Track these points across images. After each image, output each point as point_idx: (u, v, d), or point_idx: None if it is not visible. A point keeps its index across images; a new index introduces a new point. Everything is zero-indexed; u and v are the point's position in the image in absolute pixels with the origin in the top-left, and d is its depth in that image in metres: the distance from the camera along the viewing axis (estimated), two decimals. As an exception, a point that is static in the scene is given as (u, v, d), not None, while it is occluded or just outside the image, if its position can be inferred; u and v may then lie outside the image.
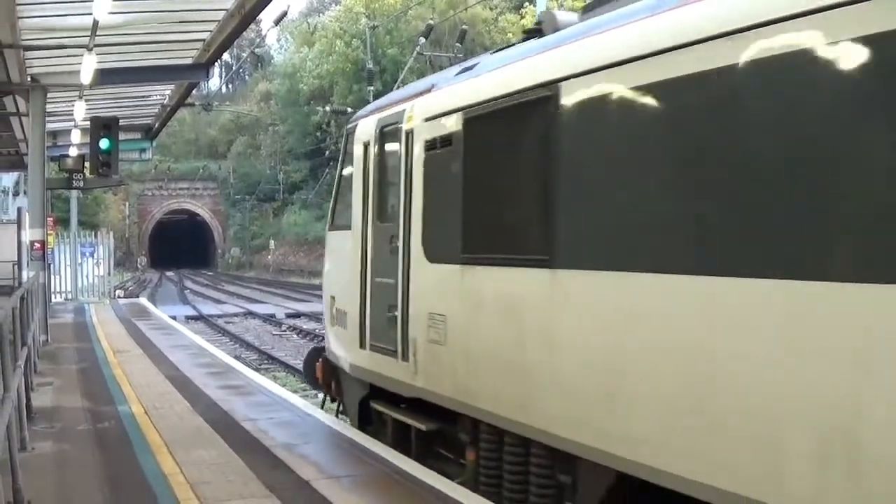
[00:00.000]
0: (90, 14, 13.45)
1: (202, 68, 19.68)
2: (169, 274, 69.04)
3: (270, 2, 14.75)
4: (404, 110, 8.45)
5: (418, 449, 8.31)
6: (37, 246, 18.43)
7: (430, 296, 7.73)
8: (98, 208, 72.20)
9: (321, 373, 10.82)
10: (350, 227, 9.54)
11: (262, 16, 22.06)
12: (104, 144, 18.79)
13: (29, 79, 18.48)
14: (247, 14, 15.27)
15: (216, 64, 22.37)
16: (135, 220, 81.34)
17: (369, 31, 45.46)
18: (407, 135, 8.27)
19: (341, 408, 10.75)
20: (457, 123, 7.39)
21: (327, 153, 61.10)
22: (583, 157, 5.89)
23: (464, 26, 28.43)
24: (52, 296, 27.76)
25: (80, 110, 21.05)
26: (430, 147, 7.80)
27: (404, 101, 8.68)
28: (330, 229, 10.87)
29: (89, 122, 19.65)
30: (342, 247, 9.92)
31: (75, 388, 12.01)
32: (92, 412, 10.22)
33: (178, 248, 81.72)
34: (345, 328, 9.65)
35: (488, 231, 6.99)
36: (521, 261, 6.42)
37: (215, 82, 66.03)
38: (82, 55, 15.70)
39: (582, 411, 5.75)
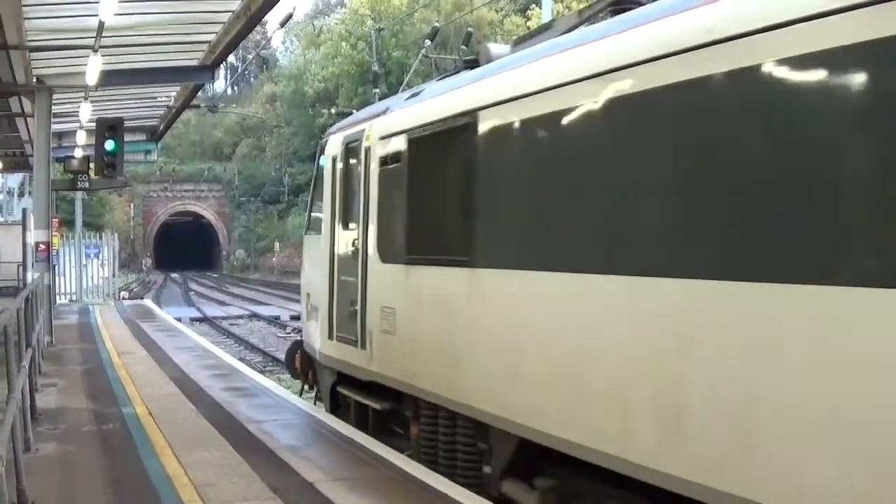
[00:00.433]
0: (96, 15, 13.48)
1: (207, 70, 19.68)
2: (174, 276, 69.10)
3: (276, 4, 14.76)
4: (364, 129, 9.62)
5: (374, 426, 9.42)
6: (42, 247, 18.44)
7: (383, 292, 8.85)
8: (103, 210, 72.29)
9: (300, 363, 12.05)
10: (321, 232, 10.82)
11: (267, 18, 22.19)
12: (109, 146, 18.78)
13: (34, 80, 18.50)
14: (252, 16, 15.27)
15: (221, 66, 22.38)
16: (139, 222, 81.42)
17: (375, 34, 45.50)
18: (366, 151, 9.42)
19: (317, 394, 11.71)
20: (403, 143, 8.53)
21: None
22: (492, 176, 7.08)
23: (469, 28, 28.35)
24: (57, 297, 27.81)
25: (86, 111, 21.07)
26: (384, 163, 8.95)
27: (365, 120, 9.86)
28: (306, 233, 12.22)
29: (94, 124, 19.65)
30: (315, 249, 11.14)
31: (80, 389, 12.01)
32: (96, 413, 10.22)
33: (182, 249, 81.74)
34: (317, 322, 10.83)
35: (426, 236, 8.13)
36: (449, 261, 7.53)
37: (220, 84, 65.96)
38: (88, 56, 15.72)
39: (492, 387, 6.87)
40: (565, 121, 6.11)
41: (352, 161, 9.98)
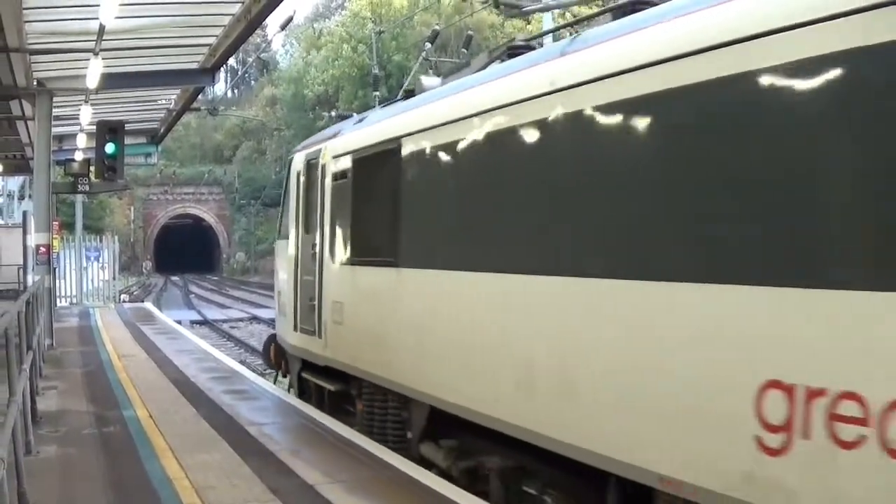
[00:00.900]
0: (97, 19, 13.49)
1: (208, 73, 19.68)
2: (174, 278, 69.01)
3: (276, 7, 14.76)
4: (321, 149, 11.11)
5: (330, 405, 10.91)
6: (42, 250, 18.45)
7: (334, 289, 10.33)
8: (103, 213, 72.17)
9: (273, 354, 13.57)
10: (288, 238, 12.39)
11: (268, 21, 22.16)
12: (110, 149, 18.79)
13: (35, 83, 18.51)
14: (253, 19, 15.28)
15: (222, 69, 22.36)
16: (140, 225, 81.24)
17: (375, 37, 45.46)
18: (322, 168, 10.90)
19: (290, 381, 12.96)
20: (349, 162, 10.02)
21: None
22: (410, 193, 8.48)
23: (470, 32, 28.32)
24: (58, 300, 27.83)
25: (86, 114, 21.08)
26: (335, 178, 10.44)
27: (322, 141, 11.39)
28: (278, 239, 13.85)
29: (95, 127, 19.66)
30: (284, 253, 12.80)
31: (80, 392, 12.03)
32: (97, 416, 10.24)
33: (183, 252, 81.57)
34: (286, 316, 12.38)
35: (365, 241, 9.60)
36: (381, 262, 8.93)
37: (221, 87, 65.95)
38: (88, 59, 15.73)
39: (410, 365, 8.31)
40: (457, 149, 7.57)
41: (311, 176, 11.40)
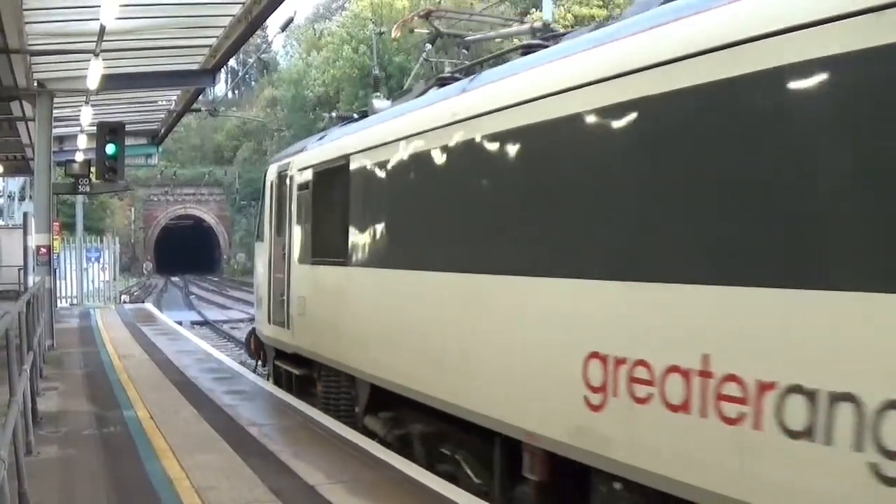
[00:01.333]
0: (97, 20, 13.48)
1: (208, 74, 19.69)
2: (174, 279, 69.04)
3: (277, 8, 14.75)
4: (290, 162, 12.53)
5: (297, 388, 12.21)
6: (42, 251, 18.44)
7: (299, 285, 11.77)
8: (104, 213, 72.12)
9: (254, 346, 15.20)
10: (264, 240, 13.89)
11: (268, 22, 22.14)
12: (110, 150, 18.79)
13: (35, 84, 18.51)
14: (253, 20, 15.28)
15: (222, 70, 22.37)
16: (140, 226, 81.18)
17: (376, 37, 45.41)
18: (290, 179, 12.30)
19: (268, 370, 14.30)
20: (310, 175, 11.39)
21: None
22: (356, 201, 9.75)
23: (470, 32, 28.35)
24: (58, 301, 27.83)
25: (87, 115, 21.08)
26: (300, 188, 11.84)
27: (291, 155, 12.87)
28: (256, 241, 15.33)
29: (95, 128, 19.66)
30: (260, 253, 14.42)
31: (81, 392, 12.03)
32: (97, 417, 10.24)
33: (183, 253, 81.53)
34: (262, 310, 14.00)
35: (322, 243, 10.93)
36: (334, 262, 10.26)
37: (221, 88, 65.90)
38: (89, 60, 15.73)
39: (356, 349, 9.68)
40: (387, 167, 8.91)
41: (282, 186, 12.80)
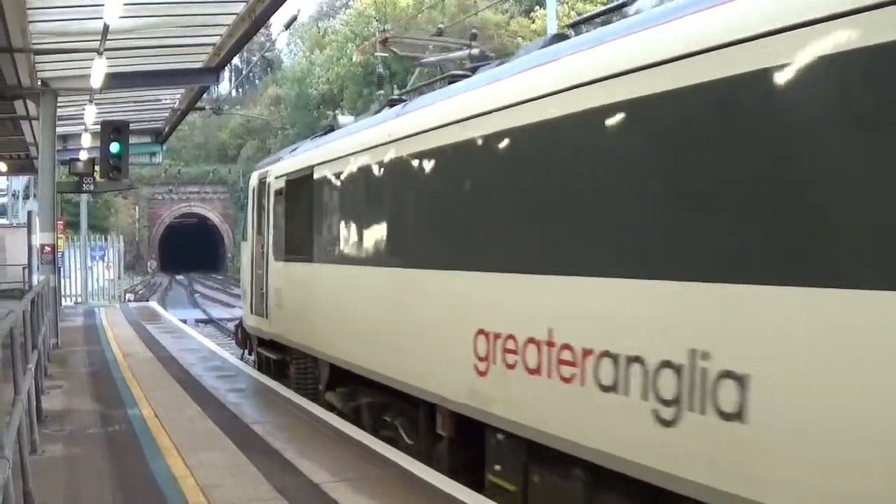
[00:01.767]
0: (101, 18, 13.48)
1: (212, 72, 19.72)
2: (179, 277, 69.08)
3: (280, 6, 14.76)
4: (268, 170, 14.16)
5: (274, 372, 13.70)
6: (47, 249, 18.47)
7: (276, 279, 13.32)
8: (108, 212, 72.15)
9: (241, 336, 16.68)
10: (247, 240, 15.70)
11: (272, 20, 22.13)
12: (114, 148, 18.80)
13: (39, 83, 18.54)
14: (257, 18, 15.29)
15: (226, 68, 22.39)
16: (145, 224, 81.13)
17: (380, 35, 45.33)
18: (268, 186, 13.91)
19: (254, 357, 15.76)
20: (284, 182, 12.94)
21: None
22: (318, 206, 11.23)
23: (474, 30, 28.30)
24: (63, 299, 27.84)
25: (91, 114, 21.11)
26: (276, 194, 13.40)
27: (271, 164, 14.48)
28: (242, 241, 17.37)
29: (100, 126, 19.68)
30: (245, 251, 16.15)
31: (85, 391, 12.05)
32: (102, 415, 10.25)
33: (187, 251, 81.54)
34: (247, 303, 15.67)
35: (293, 243, 12.44)
36: (302, 258, 11.78)
37: (225, 86, 65.74)
38: (93, 59, 15.74)
39: (319, 334, 11.23)
40: (341, 177, 10.48)
41: (262, 192, 14.39)
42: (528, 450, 6.46)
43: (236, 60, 56.24)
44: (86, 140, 25.32)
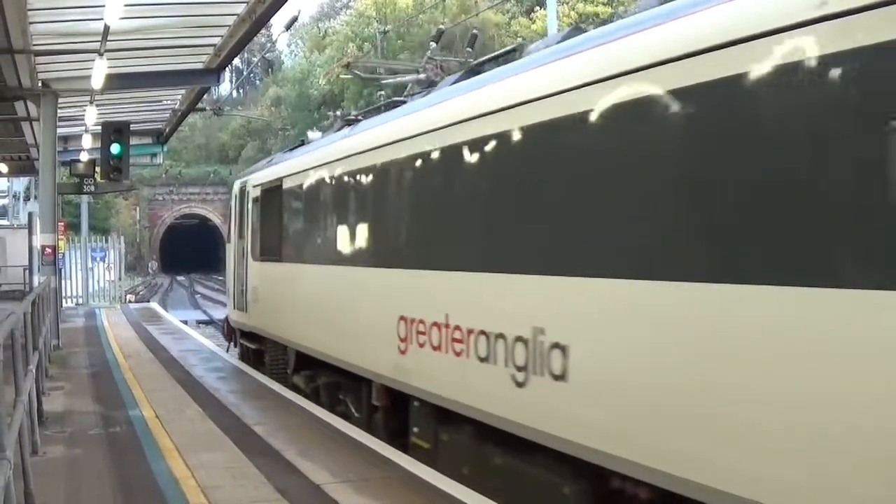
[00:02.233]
0: (101, 19, 13.49)
1: (213, 73, 19.72)
2: (180, 278, 69.09)
3: (281, 7, 14.76)
4: (247, 180, 15.78)
5: (253, 360, 15.21)
6: (48, 251, 18.48)
7: (253, 277, 14.89)
8: (109, 213, 72.25)
9: (227, 330, 18.21)
10: (231, 242, 17.21)
11: (272, 21, 22.12)
12: (115, 149, 18.79)
13: (40, 84, 18.55)
14: (258, 19, 15.29)
15: (227, 69, 22.36)
16: (146, 225, 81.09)
17: (380, 36, 45.38)
18: (248, 193, 15.44)
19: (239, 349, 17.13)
20: (259, 191, 14.48)
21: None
22: (286, 212, 12.88)
23: (475, 30, 28.33)
24: (64, 300, 27.85)
25: (91, 115, 21.12)
26: (253, 202, 14.93)
27: (250, 174, 16.14)
28: (227, 243, 18.31)
29: (100, 127, 19.68)
30: (230, 252, 17.43)
31: (86, 392, 12.04)
32: (103, 416, 10.25)
33: (188, 252, 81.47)
34: (231, 299, 17.24)
35: (267, 245, 13.95)
36: (273, 258, 13.38)
37: (226, 87, 65.71)
38: (93, 60, 15.75)
39: (287, 325, 12.75)
40: (302, 187, 12.03)
41: (242, 199, 15.90)
42: (436, 413, 7.92)
43: (237, 61, 56.20)
44: (86, 141, 25.31)
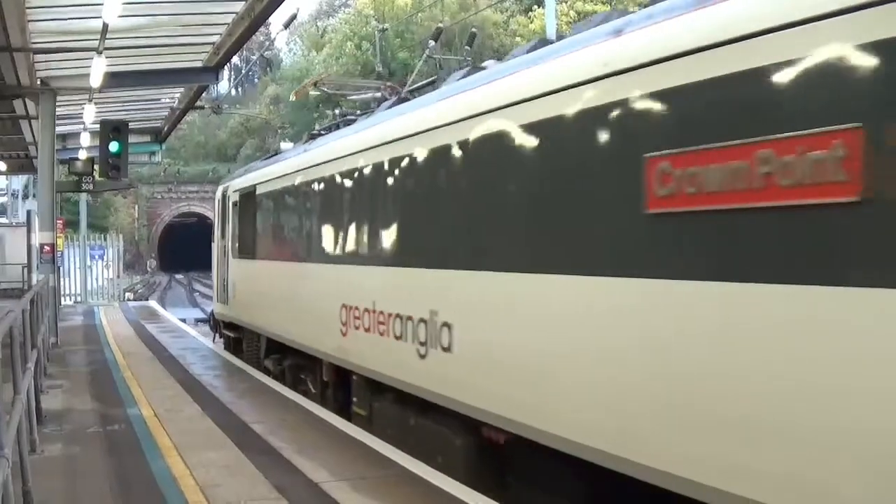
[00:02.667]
0: (100, 17, 13.46)
1: (212, 71, 19.70)
2: (178, 276, 69.03)
3: (279, 5, 14.74)
4: (229, 185, 17.45)
5: (233, 348, 17.00)
6: (46, 249, 18.46)
7: (233, 273, 16.62)
8: (107, 211, 72.17)
9: (213, 322, 19.72)
10: (215, 241, 18.85)
11: (271, 19, 22.12)
12: (114, 147, 18.77)
13: (39, 82, 18.53)
14: (256, 17, 15.27)
15: (225, 67, 22.35)
16: (144, 223, 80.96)
17: (378, 34, 45.34)
18: (228, 198, 17.12)
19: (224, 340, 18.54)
20: (238, 196, 16.16)
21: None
22: (259, 215, 14.46)
23: (473, 29, 28.31)
24: (62, 298, 27.85)
25: (90, 113, 21.09)
26: (233, 205, 16.56)
27: (231, 180, 17.83)
28: (213, 243, 19.53)
29: (99, 126, 19.67)
30: (215, 251, 18.86)
31: (85, 390, 12.04)
32: (102, 415, 10.24)
33: (187, 250, 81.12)
34: (216, 293, 18.89)
35: (243, 244, 15.61)
36: (249, 256, 15.01)
37: (224, 85, 65.64)
38: (92, 58, 15.72)
39: (259, 315, 14.41)
40: (271, 194, 13.65)
41: (224, 202, 17.52)
42: (369, 385, 9.46)
43: (235, 59, 56.19)
44: (85, 139, 25.28)
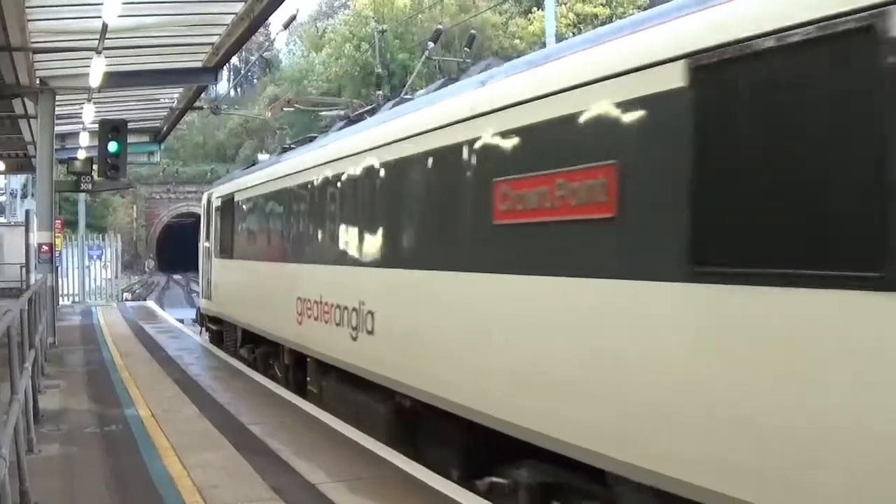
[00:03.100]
0: (99, 17, 13.46)
1: (211, 72, 19.69)
2: (176, 277, 68.98)
3: (279, 6, 14.74)
4: (213, 191, 19.06)
5: (216, 340, 18.52)
6: (45, 248, 18.46)
7: (216, 271, 18.16)
8: (106, 211, 72.08)
9: (200, 317, 21.12)
10: (201, 242, 20.51)
11: (270, 19, 22.12)
12: (112, 147, 18.73)
13: (38, 81, 18.51)
14: (256, 18, 15.27)
15: (225, 67, 22.34)
16: (142, 223, 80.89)
17: (378, 35, 45.31)
18: (213, 203, 18.58)
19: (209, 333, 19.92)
20: (220, 202, 17.72)
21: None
22: (237, 220, 16.02)
23: (473, 31, 28.32)
24: (60, 298, 27.79)
25: (89, 113, 21.08)
26: (216, 210, 18.12)
27: (215, 187, 19.56)
28: (199, 244, 20.97)
29: (98, 125, 19.65)
30: (201, 251, 20.43)
31: (82, 390, 12.04)
32: (99, 415, 10.24)
33: (185, 251, 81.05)
34: (201, 290, 20.51)
35: (224, 245, 17.07)
36: (228, 256, 16.63)
37: (224, 86, 65.58)
38: (91, 58, 15.71)
39: (237, 309, 16.14)
40: (246, 201, 15.26)
41: (209, 207, 19.10)
42: (319, 366, 11.01)
43: (235, 60, 56.20)
44: (84, 139, 25.27)
